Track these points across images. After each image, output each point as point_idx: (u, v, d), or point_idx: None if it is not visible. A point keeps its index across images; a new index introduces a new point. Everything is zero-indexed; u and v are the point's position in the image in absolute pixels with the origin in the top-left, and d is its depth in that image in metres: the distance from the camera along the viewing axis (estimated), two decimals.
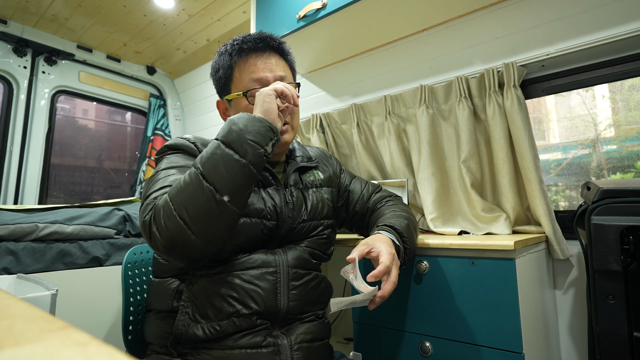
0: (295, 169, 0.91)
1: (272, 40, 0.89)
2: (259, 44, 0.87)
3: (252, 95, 0.84)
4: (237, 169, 0.66)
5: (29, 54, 2.21)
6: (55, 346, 0.20)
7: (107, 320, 1.42)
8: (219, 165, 0.65)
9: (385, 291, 0.71)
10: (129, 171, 2.80)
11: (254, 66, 0.86)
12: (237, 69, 0.87)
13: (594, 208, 0.86)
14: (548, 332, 1.06)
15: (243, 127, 0.68)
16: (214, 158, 0.66)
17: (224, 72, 0.89)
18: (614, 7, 1.08)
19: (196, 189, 0.64)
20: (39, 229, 1.32)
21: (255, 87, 0.85)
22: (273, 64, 0.88)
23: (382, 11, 1.33)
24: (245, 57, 0.87)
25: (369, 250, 0.75)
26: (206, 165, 0.66)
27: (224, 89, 0.90)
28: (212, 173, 0.65)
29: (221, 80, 0.90)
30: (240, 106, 0.87)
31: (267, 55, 0.88)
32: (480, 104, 1.29)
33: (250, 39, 0.87)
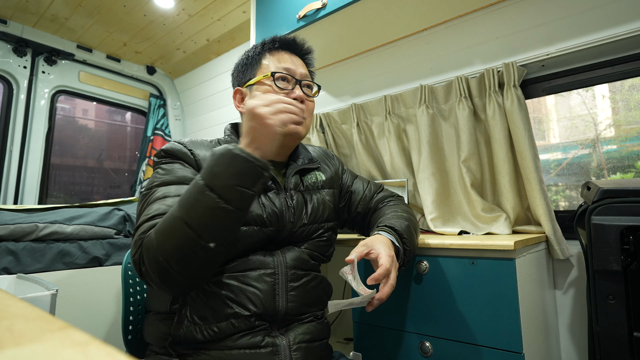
0: (296, 172, 0.90)
1: (303, 47, 0.94)
2: (291, 42, 0.92)
3: (278, 78, 0.86)
4: (223, 216, 0.63)
5: (28, 53, 2.21)
6: (55, 346, 0.20)
7: (107, 320, 1.42)
8: (204, 213, 0.62)
9: (384, 294, 0.71)
10: (129, 171, 2.80)
11: (289, 59, 0.89)
12: (266, 58, 0.89)
13: (594, 208, 0.86)
14: (548, 332, 1.06)
15: (228, 172, 0.63)
16: (198, 205, 0.62)
17: (251, 62, 0.90)
18: (614, 7, 1.08)
19: (180, 237, 0.62)
20: (38, 229, 1.32)
21: (283, 72, 0.86)
22: (300, 63, 0.92)
23: (382, 11, 1.33)
24: (275, 50, 0.91)
25: (368, 252, 0.75)
26: (190, 213, 0.62)
27: (248, 76, 0.91)
28: (197, 221, 0.62)
29: (246, 69, 0.91)
30: (260, 90, 0.86)
31: (295, 56, 0.93)
32: (480, 104, 1.29)
33: (285, 36, 0.92)
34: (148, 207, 0.71)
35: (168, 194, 0.73)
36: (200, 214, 0.62)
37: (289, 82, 0.87)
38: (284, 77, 0.86)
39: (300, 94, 0.86)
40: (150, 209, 0.70)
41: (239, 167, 0.63)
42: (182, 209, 0.63)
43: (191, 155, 0.80)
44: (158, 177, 0.77)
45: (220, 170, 0.63)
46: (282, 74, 0.86)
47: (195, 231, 0.62)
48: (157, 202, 0.71)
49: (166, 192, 0.73)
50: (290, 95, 0.85)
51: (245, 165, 0.63)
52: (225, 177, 0.62)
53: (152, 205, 0.71)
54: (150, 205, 0.71)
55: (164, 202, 0.71)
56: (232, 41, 2.29)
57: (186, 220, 0.62)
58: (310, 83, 0.92)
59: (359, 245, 0.77)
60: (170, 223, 0.63)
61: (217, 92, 2.51)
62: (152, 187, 0.75)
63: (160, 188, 0.74)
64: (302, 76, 0.89)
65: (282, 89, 0.85)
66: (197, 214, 0.62)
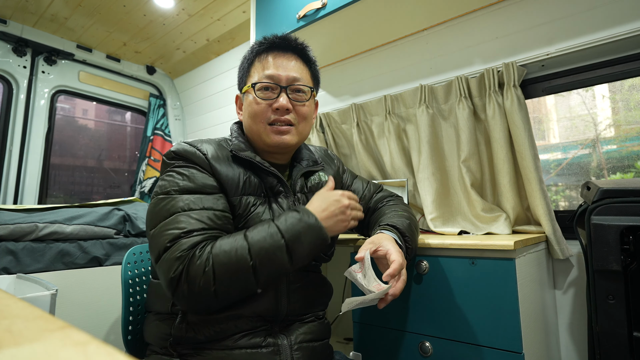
0: (301, 174, 0.90)
1: (293, 41, 0.88)
2: (278, 42, 0.87)
3: (260, 89, 0.82)
4: (282, 271, 0.70)
5: (28, 53, 2.21)
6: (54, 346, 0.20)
7: (107, 320, 1.42)
8: (273, 269, 0.68)
9: (397, 289, 0.72)
10: (129, 171, 2.80)
11: (269, 62, 0.85)
12: (254, 64, 0.87)
13: (594, 208, 0.86)
14: (548, 332, 1.06)
15: (310, 247, 0.71)
16: (272, 259, 0.68)
17: (246, 65, 0.88)
18: (614, 7, 1.08)
19: (243, 281, 0.67)
20: (38, 229, 1.32)
21: (264, 82, 0.82)
22: (291, 65, 0.85)
23: (382, 11, 1.33)
24: (265, 54, 0.86)
25: (376, 249, 0.75)
26: (263, 264, 0.67)
27: (242, 82, 0.90)
28: (262, 270, 0.67)
29: (243, 75, 0.90)
30: (248, 100, 0.84)
31: (288, 55, 0.86)
32: (480, 104, 1.29)
33: (273, 37, 0.87)
34: (173, 218, 0.69)
35: (193, 205, 0.71)
36: (269, 270, 0.68)
37: (273, 90, 0.83)
38: (266, 87, 0.82)
39: (283, 103, 0.81)
40: (180, 223, 0.68)
41: (319, 246, 0.72)
42: (255, 255, 0.67)
43: (203, 156, 0.78)
44: (175, 181, 0.74)
45: (306, 241, 0.70)
46: (263, 83, 0.82)
47: (257, 279, 0.67)
48: (182, 214, 0.69)
49: (190, 203, 0.71)
50: (273, 105, 0.81)
51: (323, 246, 0.73)
52: (307, 249, 0.71)
53: (179, 216, 0.69)
54: (175, 217, 0.69)
55: (191, 215, 0.69)
56: (231, 41, 2.29)
57: (256, 269, 0.67)
58: (301, 87, 0.85)
59: (367, 243, 0.77)
60: (238, 263, 0.66)
61: (217, 92, 2.51)
62: (171, 192, 0.72)
63: (181, 196, 0.71)
64: (290, 81, 0.83)
65: (264, 100, 0.82)
66: (267, 268, 0.67)
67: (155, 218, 0.71)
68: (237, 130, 0.90)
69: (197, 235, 0.67)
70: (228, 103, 2.42)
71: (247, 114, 0.85)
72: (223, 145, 0.84)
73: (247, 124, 0.86)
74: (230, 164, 0.79)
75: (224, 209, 0.74)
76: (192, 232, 0.67)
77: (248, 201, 0.78)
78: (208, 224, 0.70)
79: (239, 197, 0.77)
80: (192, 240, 0.66)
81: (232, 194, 0.77)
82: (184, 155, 0.78)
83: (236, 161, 0.81)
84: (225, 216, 0.73)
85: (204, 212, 0.70)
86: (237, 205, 0.76)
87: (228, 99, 2.42)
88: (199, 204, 0.71)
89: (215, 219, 0.71)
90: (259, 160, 0.81)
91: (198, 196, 0.72)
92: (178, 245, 0.66)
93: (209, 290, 0.65)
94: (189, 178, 0.74)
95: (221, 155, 0.80)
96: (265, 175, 0.82)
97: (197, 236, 0.67)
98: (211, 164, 0.77)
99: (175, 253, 0.65)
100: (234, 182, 0.77)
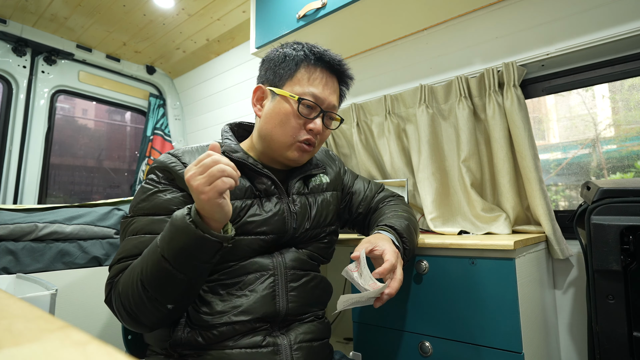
0: (300, 177, 0.89)
1: (347, 72, 0.88)
2: (336, 65, 0.85)
3: (304, 105, 0.81)
4: (180, 285, 0.65)
5: (28, 53, 2.20)
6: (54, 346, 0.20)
7: (107, 320, 1.42)
8: (163, 281, 0.64)
9: (393, 289, 0.71)
10: (129, 171, 2.80)
11: (322, 82, 0.82)
12: (303, 72, 0.82)
13: (594, 208, 0.86)
14: (548, 332, 1.06)
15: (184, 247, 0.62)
16: (158, 276, 0.63)
17: (289, 65, 0.83)
18: (613, 6, 1.08)
19: (142, 299, 0.65)
20: (38, 229, 1.32)
21: (310, 100, 0.80)
22: (334, 89, 0.86)
23: (382, 11, 1.33)
24: (319, 67, 0.83)
25: (372, 249, 0.75)
26: (149, 277, 0.64)
27: (277, 79, 0.83)
28: (155, 287, 0.64)
29: (279, 70, 0.83)
30: (283, 107, 0.81)
31: (333, 79, 0.86)
32: (480, 104, 1.29)
33: (333, 57, 0.84)
34: (123, 242, 0.74)
35: (140, 229, 0.73)
36: (158, 283, 0.64)
37: (313, 109, 0.82)
38: (309, 105, 0.81)
39: (318, 127, 0.81)
40: (122, 247, 0.73)
41: (194, 243, 0.61)
42: (141, 271, 0.65)
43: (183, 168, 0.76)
44: (137, 200, 0.76)
45: (177, 244, 0.62)
46: (308, 101, 0.80)
47: (152, 296, 0.64)
48: (129, 239, 0.73)
49: (138, 227, 0.73)
50: (307, 124, 0.81)
51: (202, 242, 0.62)
52: (181, 252, 0.62)
53: (126, 242, 0.73)
54: (125, 241, 0.73)
55: (133, 240, 0.72)
56: (231, 41, 2.29)
57: (144, 284, 0.64)
58: (335, 116, 0.87)
59: (363, 242, 0.77)
60: (131, 281, 0.66)
61: (216, 92, 2.51)
62: (131, 212, 0.76)
63: (136, 218, 0.75)
64: (329, 107, 0.84)
65: (303, 116, 0.81)
66: (155, 281, 0.64)
67: (120, 238, 0.79)
68: (229, 132, 0.88)
69: (128, 260, 0.71)
70: (228, 103, 2.42)
71: (278, 120, 0.81)
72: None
73: (271, 129, 0.82)
74: None
75: None
76: (122, 260, 0.71)
77: (235, 206, 0.76)
78: (142, 249, 0.70)
79: None
80: (119, 267, 0.70)
81: None
82: (161, 169, 0.78)
83: None
84: None
85: (145, 237, 0.72)
86: None
87: (228, 99, 2.42)
88: (145, 228, 0.73)
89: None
90: (251, 162, 0.81)
91: (148, 219, 0.74)
92: (111, 271, 0.72)
93: (128, 313, 0.67)
94: (147, 197, 0.76)
95: None
96: (258, 177, 0.82)
97: (125, 261, 0.71)
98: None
99: (107, 280, 0.72)
100: None
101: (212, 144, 0.63)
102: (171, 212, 0.74)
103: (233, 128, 0.92)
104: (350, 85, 0.91)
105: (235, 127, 0.93)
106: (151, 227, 0.73)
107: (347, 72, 0.88)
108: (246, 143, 0.90)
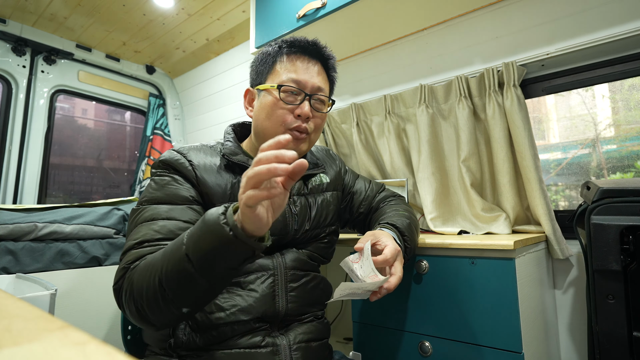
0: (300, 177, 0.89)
1: (324, 50, 0.86)
2: (310, 47, 0.84)
3: (285, 91, 0.80)
4: (200, 289, 0.58)
5: (28, 53, 2.20)
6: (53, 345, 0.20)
7: (106, 320, 1.42)
8: (182, 283, 0.57)
9: (391, 284, 0.71)
10: (129, 171, 2.80)
11: (297, 66, 0.82)
12: (280, 63, 0.83)
13: (594, 208, 0.86)
14: (548, 331, 1.06)
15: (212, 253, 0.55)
16: (178, 277, 0.57)
17: (266, 62, 0.84)
18: (614, 6, 1.08)
19: (156, 298, 0.58)
20: (37, 229, 1.32)
21: (290, 86, 0.80)
22: (316, 71, 0.84)
23: (381, 10, 1.33)
24: (292, 55, 0.83)
25: (376, 242, 0.75)
26: (169, 277, 0.57)
27: (259, 78, 0.85)
28: (174, 288, 0.57)
29: (260, 70, 0.85)
30: (267, 100, 0.81)
31: (314, 62, 0.84)
32: (480, 104, 1.29)
33: (304, 40, 0.84)
34: (136, 229, 0.69)
35: (157, 215, 0.69)
36: (176, 284, 0.57)
37: (296, 95, 0.81)
38: (291, 91, 0.81)
39: (306, 111, 0.80)
40: (138, 233, 0.68)
41: (223, 247, 0.54)
42: (161, 268, 0.58)
43: (189, 165, 0.77)
44: (150, 191, 0.74)
45: (205, 245, 0.54)
46: (289, 87, 0.80)
47: (169, 294, 0.58)
48: (145, 224, 0.69)
49: (155, 214, 0.70)
50: (295, 110, 0.80)
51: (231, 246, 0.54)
52: (207, 254, 0.55)
53: (140, 227, 0.69)
54: (138, 227, 0.69)
55: (151, 225, 0.68)
56: (231, 40, 2.29)
57: (162, 282, 0.57)
58: (323, 97, 0.85)
59: (367, 235, 0.77)
60: (149, 277, 0.59)
61: (216, 92, 2.51)
62: (143, 202, 0.73)
63: (150, 207, 0.71)
64: (314, 89, 0.82)
65: (288, 103, 0.80)
66: (173, 281, 0.57)
67: (128, 229, 0.72)
68: (231, 134, 0.88)
69: (148, 246, 0.65)
70: (228, 103, 2.42)
71: (264, 114, 0.81)
72: (215, 151, 0.83)
73: (261, 124, 0.82)
74: (218, 171, 0.79)
75: (190, 219, 0.71)
76: (143, 243, 0.65)
77: None
78: (165, 234, 0.67)
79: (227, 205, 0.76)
80: (139, 252, 0.64)
81: (219, 201, 0.76)
82: (168, 163, 0.77)
83: (227, 167, 0.80)
84: (189, 227, 0.69)
85: (167, 222, 0.68)
86: None
87: (228, 99, 2.42)
88: (163, 214, 0.70)
89: (175, 229, 0.68)
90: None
91: (167, 207, 0.71)
92: (126, 257, 0.65)
93: (138, 307, 0.61)
94: (162, 187, 0.74)
95: (210, 162, 0.79)
96: None
97: (147, 247, 0.65)
98: (197, 174, 0.76)
99: (122, 265, 0.65)
100: (221, 189, 0.77)
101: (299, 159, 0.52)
102: (189, 201, 0.72)
103: (236, 129, 0.92)
104: (334, 65, 0.89)
105: (238, 128, 0.94)
106: (170, 214, 0.69)
107: (325, 51, 0.86)
108: (246, 143, 0.91)
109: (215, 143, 0.87)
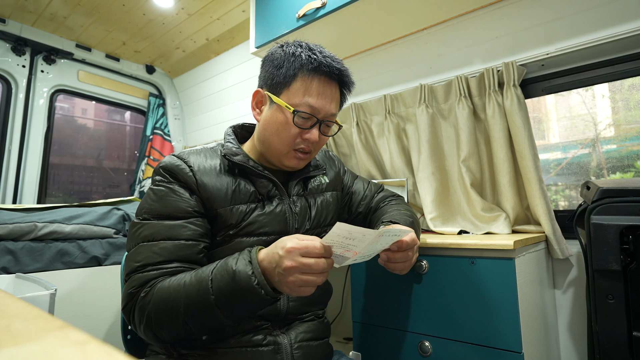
0: (300, 178, 0.88)
1: (347, 79, 0.84)
2: (335, 73, 0.81)
3: (300, 117, 0.79)
4: (224, 326, 0.68)
5: (27, 52, 2.20)
6: (53, 345, 0.20)
7: (106, 320, 1.42)
8: (208, 322, 0.65)
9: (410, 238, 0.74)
10: (128, 170, 2.79)
11: (316, 90, 0.79)
12: (301, 81, 0.79)
13: (594, 207, 0.86)
14: (547, 331, 1.06)
15: (245, 306, 0.64)
16: (204, 316, 0.64)
17: (285, 73, 0.80)
18: (613, 6, 1.08)
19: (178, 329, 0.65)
20: (37, 228, 1.32)
21: (305, 112, 0.78)
22: (332, 96, 0.82)
23: (381, 10, 1.33)
24: (315, 76, 0.79)
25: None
26: (195, 318, 0.64)
27: (275, 87, 0.81)
28: (199, 327, 0.65)
29: (277, 78, 0.81)
30: (278, 116, 0.79)
31: (332, 85, 0.82)
32: (480, 104, 1.29)
33: (330, 63, 0.80)
34: (137, 249, 0.70)
35: (157, 234, 0.70)
36: (202, 322, 0.64)
37: (308, 119, 0.80)
38: (304, 117, 0.79)
39: (314, 137, 0.80)
40: (140, 255, 0.69)
41: (257, 304, 0.64)
42: (185, 313, 0.63)
43: (189, 171, 0.76)
44: (149, 202, 0.74)
45: (238, 302, 0.63)
46: (304, 113, 0.78)
47: (192, 328, 0.65)
48: (145, 245, 0.70)
49: (155, 232, 0.71)
50: (304, 134, 0.80)
51: (261, 303, 0.64)
52: (239, 307, 0.64)
53: (141, 248, 0.70)
54: (138, 247, 0.70)
55: (152, 247, 0.70)
56: (231, 40, 2.28)
57: (188, 322, 0.64)
58: (332, 123, 0.85)
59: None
60: (172, 311, 0.64)
61: (216, 92, 2.51)
62: (142, 214, 0.73)
63: (149, 222, 0.72)
64: (326, 116, 0.81)
65: (298, 126, 0.79)
66: (199, 321, 0.64)
67: (128, 242, 0.74)
68: (231, 135, 0.88)
69: (152, 270, 0.68)
70: (227, 102, 2.42)
71: (274, 129, 0.80)
72: (215, 152, 0.83)
73: (268, 137, 0.82)
74: (219, 174, 0.78)
75: (191, 236, 0.72)
76: (146, 267, 0.68)
77: (240, 210, 0.77)
78: (167, 257, 0.69)
79: (229, 208, 0.76)
80: (144, 277, 0.68)
81: (221, 205, 0.76)
82: (168, 170, 0.77)
83: (227, 169, 0.80)
84: (190, 245, 0.71)
85: (167, 243, 0.70)
86: (227, 215, 0.76)
87: (228, 99, 2.42)
88: (163, 233, 0.71)
89: (176, 250, 0.70)
90: (252, 165, 0.80)
91: (165, 223, 0.72)
92: (131, 281, 0.68)
93: (150, 333, 0.66)
94: (160, 199, 0.74)
95: (210, 165, 0.79)
96: (259, 179, 0.81)
97: (152, 271, 0.68)
98: (197, 179, 0.76)
99: (128, 289, 0.68)
100: (222, 193, 0.77)
101: (325, 246, 0.62)
102: (189, 214, 0.73)
103: (236, 130, 0.92)
104: (352, 89, 0.88)
105: (238, 129, 0.93)
106: (170, 232, 0.71)
107: (348, 80, 0.85)
108: (248, 145, 0.90)
109: (215, 144, 0.87)
